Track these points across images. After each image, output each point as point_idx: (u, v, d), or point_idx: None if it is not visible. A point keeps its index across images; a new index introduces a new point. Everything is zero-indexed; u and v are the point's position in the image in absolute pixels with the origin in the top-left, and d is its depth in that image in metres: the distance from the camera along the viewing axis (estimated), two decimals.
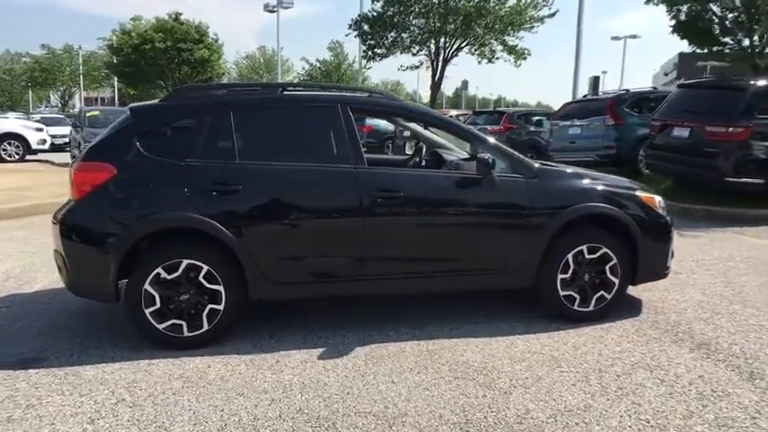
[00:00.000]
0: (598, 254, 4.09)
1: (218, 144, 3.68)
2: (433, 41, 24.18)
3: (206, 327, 3.61)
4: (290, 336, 3.86)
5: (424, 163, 4.80)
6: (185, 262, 3.53)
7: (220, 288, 3.59)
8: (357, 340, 3.81)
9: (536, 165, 4.12)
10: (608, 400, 3.06)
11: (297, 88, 4.20)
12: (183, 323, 3.59)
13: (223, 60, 41.58)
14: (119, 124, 3.72)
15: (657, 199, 4.35)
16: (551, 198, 4.03)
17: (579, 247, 4.05)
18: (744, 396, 3.10)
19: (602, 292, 4.16)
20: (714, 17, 12.20)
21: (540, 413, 2.92)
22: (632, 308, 4.44)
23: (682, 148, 8.54)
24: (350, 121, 3.82)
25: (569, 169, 4.36)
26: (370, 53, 25.64)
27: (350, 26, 24.81)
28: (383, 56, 25.85)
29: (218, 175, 3.60)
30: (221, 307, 3.62)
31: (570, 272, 4.08)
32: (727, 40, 11.56)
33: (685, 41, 13.30)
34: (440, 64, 24.73)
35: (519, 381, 3.26)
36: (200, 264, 3.54)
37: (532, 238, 3.98)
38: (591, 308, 4.15)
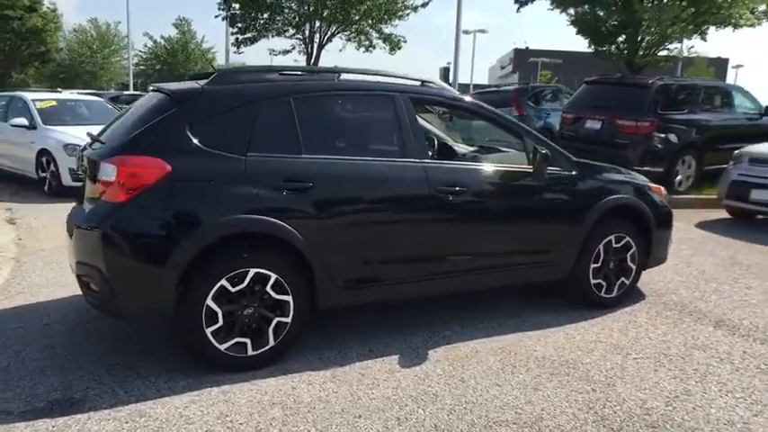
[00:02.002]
0: (622, 243, 4.33)
1: (280, 135, 3.23)
2: (307, 25, 23.59)
3: (271, 343, 3.19)
4: (349, 344, 3.55)
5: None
6: (252, 271, 3.07)
7: (288, 298, 3.18)
8: (421, 343, 3.63)
9: (572, 158, 4.22)
10: (697, 382, 3.26)
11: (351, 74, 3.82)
12: (248, 341, 3.13)
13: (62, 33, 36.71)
14: (154, 111, 3.09)
15: (663, 189, 4.70)
16: (589, 190, 4.17)
17: (609, 237, 4.24)
18: None
19: (622, 279, 4.40)
20: (600, 20, 13.50)
21: (656, 402, 3.02)
22: (633, 292, 4.76)
23: (593, 138, 9.31)
24: (412, 111, 3.58)
25: (595, 162, 4.53)
26: (240, 36, 24.32)
27: (219, 5, 23.28)
28: (254, 39, 24.70)
29: (288, 172, 3.16)
30: (288, 319, 3.21)
31: (601, 261, 4.26)
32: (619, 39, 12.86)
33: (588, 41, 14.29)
34: (314, 49, 24.25)
35: (609, 372, 3.34)
36: (268, 272, 3.10)
37: (575, 229, 4.08)
38: (614, 294, 4.39)
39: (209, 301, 2.99)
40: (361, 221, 3.38)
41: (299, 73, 3.54)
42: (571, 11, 13.81)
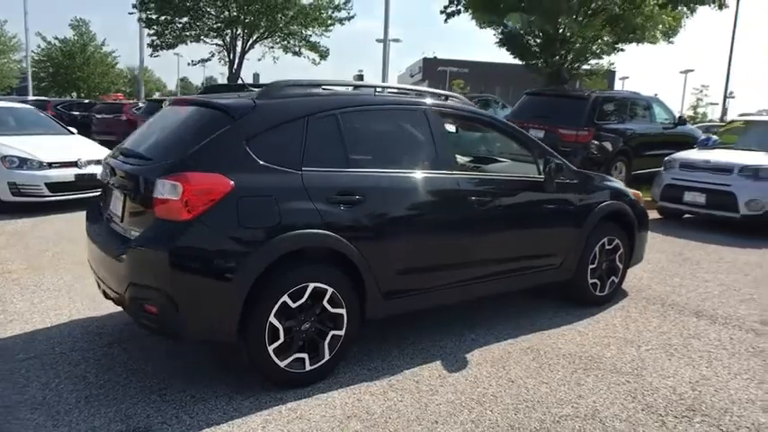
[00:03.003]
0: (613, 244, 4.70)
1: (329, 149, 3.25)
2: (229, 31, 23.01)
3: (327, 356, 3.20)
4: (388, 353, 3.62)
5: None
6: (311, 286, 3.07)
7: (342, 311, 3.21)
8: (454, 348, 3.77)
9: (573, 167, 4.53)
10: (707, 368, 3.63)
11: (386, 89, 3.88)
12: (306, 356, 3.12)
13: None
14: (207, 126, 3.00)
15: (640, 194, 5.14)
16: (589, 197, 4.50)
17: (603, 240, 4.60)
18: (765, 351, 3.98)
19: (612, 278, 4.78)
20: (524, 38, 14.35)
21: (684, 387, 3.34)
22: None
23: None
24: (442, 124, 3.73)
25: (588, 172, 4.88)
26: (156, 40, 23.26)
27: (134, 5, 22.08)
28: (172, 45, 23.74)
29: (341, 185, 3.18)
30: (342, 332, 3.24)
31: (596, 262, 4.61)
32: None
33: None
34: (237, 55, 23.71)
35: (632, 364, 3.64)
36: (325, 287, 3.12)
37: (577, 233, 4.40)
38: (606, 292, 4.75)
39: (272, 318, 2.96)
40: (404, 232, 3.47)
41: (341, 87, 3.58)
42: (499, 28, 14.57)
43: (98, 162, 8.26)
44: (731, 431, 2.90)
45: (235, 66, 23.50)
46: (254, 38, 23.37)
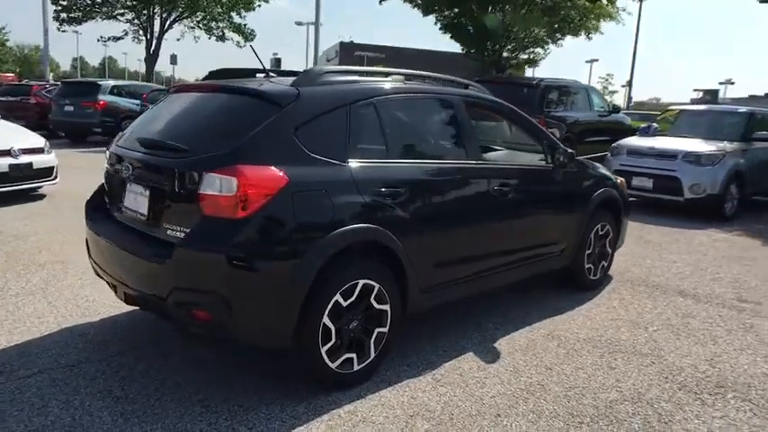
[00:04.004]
0: (604, 230, 4.88)
1: (370, 140, 3.11)
2: (146, 10, 21.62)
3: (372, 354, 3.09)
4: (421, 348, 3.55)
5: None
6: (361, 283, 2.94)
7: (387, 308, 3.11)
8: (481, 339, 3.77)
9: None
10: (714, 345, 3.86)
11: (412, 78, 3.73)
12: (354, 356, 3.00)
13: None
14: (255, 114, 2.77)
15: (624, 181, 5.36)
16: (587, 185, 4.63)
17: (597, 226, 4.76)
18: (760, 325, 4.29)
19: (603, 263, 4.97)
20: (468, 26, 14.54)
21: (704, 365, 3.53)
22: None
23: None
24: (469, 114, 3.67)
25: (583, 159, 5.01)
26: (64, 15, 21.43)
27: None
28: (79, 20, 21.98)
29: (385, 178, 3.06)
30: (386, 329, 3.14)
31: (591, 247, 4.77)
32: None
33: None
34: (155, 35, 22.34)
35: (649, 345, 3.80)
36: (373, 283, 3.00)
37: (578, 220, 4.52)
38: (598, 276, 4.94)
39: (326, 319, 2.81)
40: (440, 224, 3.40)
41: (373, 74, 3.42)
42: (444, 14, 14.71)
43: (35, 151, 7.52)
44: (762, 404, 3.09)
45: (153, 46, 22.12)
46: (174, 17, 22.08)
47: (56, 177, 7.79)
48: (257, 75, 3.64)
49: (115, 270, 3.02)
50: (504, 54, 14.16)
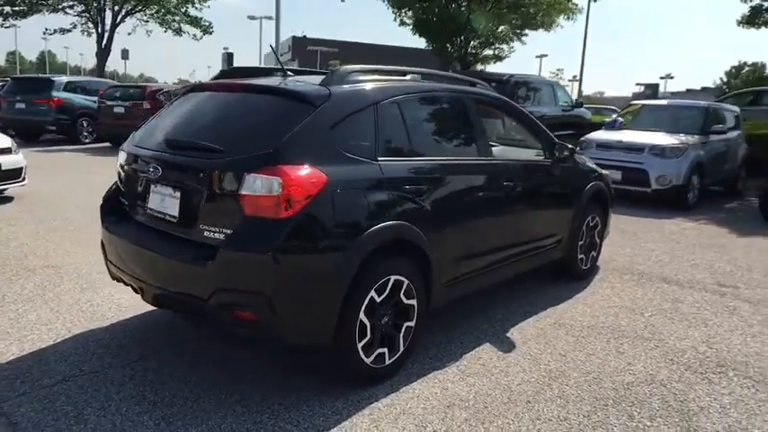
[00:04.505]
0: (594, 221, 5.10)
1: (396, 138, 3.17)
2: (97, 2, 20.83)
3: (401, 348, 3.17)
4: (437, 341, 3.64)
5: None
6: (392, 279, 3.01)
7: (414, 302, 3.19)
8: (492, 329, 3.89)
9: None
10: (707, 328, 4.11)
11: (427, 76, 3.79)
12: (386, 350, 3.07)
13: None
14: (291, 114, 2.78)
15: (608, 174, 5.60)
16: (580, 179, 4.82)
17: (588, 217, 4.97)
18: (741, 307, 4.58)
19: (592, 253, 5.20)
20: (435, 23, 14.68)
21: (703, 347, 3.76)
22: None
23: None
24: (477, 111, 3.78)
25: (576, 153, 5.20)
26: (7, 9, 20.40)
27: None
28: (24, 13, 20.98)
29: (411, 175, 3.13)
30: (413, 323, 3.22)
31: (583, 238, 4.98)
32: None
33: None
34: (106, 29, 21.57)
35: (649, 330, 4.01)
36: (402, 278, 3.07)
37: (574, 212, 4.71)
38: (588, 266, 5.16)
39: (362, 315, 2.86)
40: (459, 219, 3.49)
41: (392, 72, 3.48)
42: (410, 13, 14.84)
43: (3, 151, 7.21)
44: (762, 380, 3.34)
45: (104, 40, 21.36)
46: (127, 10, 21.37)
47: (24, 179, 7.48)
48: (286, 74, 3.62)
49: (143, 273, 2.98)
50: (471, 50, 14.46)
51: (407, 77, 3.54)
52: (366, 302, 2.87)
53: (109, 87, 15.47)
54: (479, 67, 18.65)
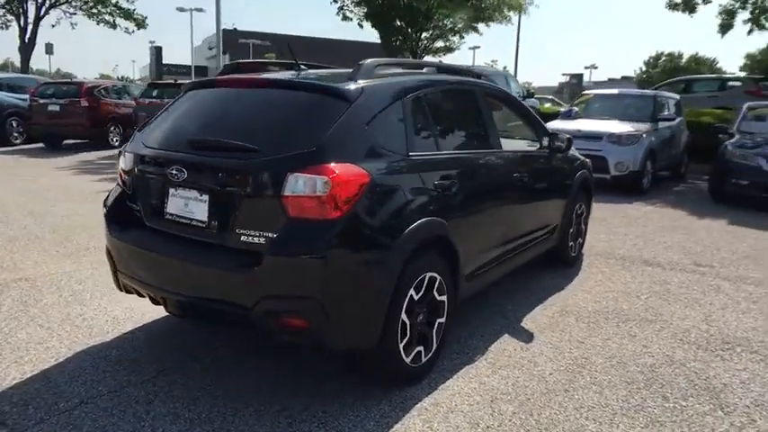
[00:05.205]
0: (581, 209, 5.24)
1: (421, 132, 3.11)
2: None
3: (434, 346, 3.13)
4: (457, 334, 3.62)
5: None
6: (427, 276, 2.96)
7: (445, 298, 3.15)
8: (506, 321, 3.92)
9: None
10: (701, 306, 4.31)
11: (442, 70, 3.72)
12: (422, 348, 3.02)
13: None
14: (327, 111, 2.66)
15: (589, 162, 5.75)
16: (571, 168, 4.93)
17: (576, 206, 5.10)
18: (723, 285, 4.84)
19: (579, 239, 5.34)
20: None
21: (704, 325, 3.94)
22: None
23: None
24: (487, 104, 3.78)
25: None
26: None
27: None
28: None
29: (440, 169, 3.08)
30: (444, 320, 3.18)
31: (573, 226, 5.10)
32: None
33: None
34: (29, 21, 20.18)
35: (650, 312, 4.16)
36: (435, 275, 3.03)
37: (566, 202, 4.81)
38: (576, 253, 5.30)
39: (403, 314, 2.80)
40: (479, 211, 3.49)
41: (411, 66, 3.41)
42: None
43: None
44: (767, 355, 3.52)
45: (28, 33, 19.98)
46: (51, 2, 20.05)
47: None
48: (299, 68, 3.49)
49: (166, 282, 2.79)
50: (423, 42, 14.56)
51: (425, 71, 3.48)
52: (406, 301, 2.81)
53: (41, 84, 14.50)
54: (428, 58, 18.83)
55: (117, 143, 13.89)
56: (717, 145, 9.40)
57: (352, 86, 2.81)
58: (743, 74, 19.86)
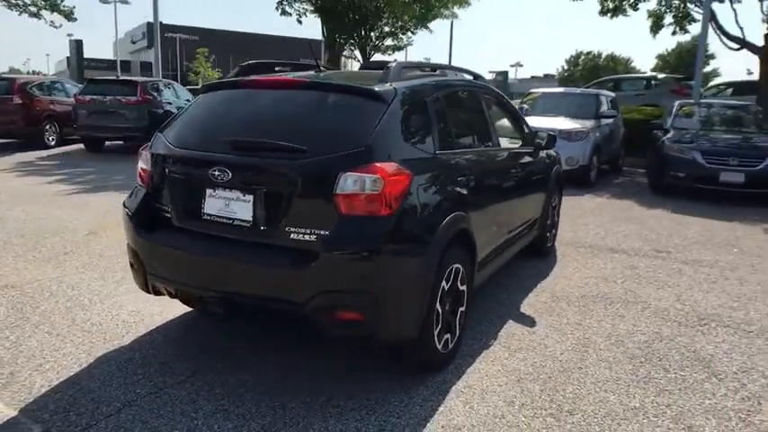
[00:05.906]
0: (556, 202, 5.60)
1: (443, 131, 3.28)
2: None
3: (457, 333, 3.33)
4: (467, 322, 3.85)
5: None
6: (454, 267, 3.15)
7: (465, 288, 3.35)
8: (504, 309, 4.17)
9: None
10: (671, 287, 4.73)
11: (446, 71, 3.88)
12: (449, 336, 3.21)
13: None
14: (368, 112, 2.77)
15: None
16: (548, 163, 5.26)
17: (551, 199, 5.45)
18: (684, 268, 5.33)
19: (553, 230, 5.70)
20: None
21: (679, 304, 4.35)
22: None
23: None
24: (486, 103, 4.01)
25: None
26: None
27: None
28: None
29: (459, 166, 3.28)
30: (464, 308, 3.38)
31: (550, 218, 5.45)
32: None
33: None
34: None
35: (629, 294, 4.54)
36: (459, 266, 3.22)
37: (545, 196, 5.14)
38: (551, 243, 5.66)
39: (437, 305, 2.98)
40: (487, 205, 3.70)
41: (425, 67, 3.57)
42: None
43: None
44: (738, 327, 3.96)
45: None
46: None
47: None
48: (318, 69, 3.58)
49: (208, 281, 2.83)
50: (373, 40, 14.69)
51: (438, 73, 3.66)
52: (440, 291, 2.99)
53: None
54: (377, 56, 19.05)
55: (53, 143, 13.19)
56: (651, 141, 10.15)
57: (387, 88, 2.94)
58: (658, 74, 21.36)
